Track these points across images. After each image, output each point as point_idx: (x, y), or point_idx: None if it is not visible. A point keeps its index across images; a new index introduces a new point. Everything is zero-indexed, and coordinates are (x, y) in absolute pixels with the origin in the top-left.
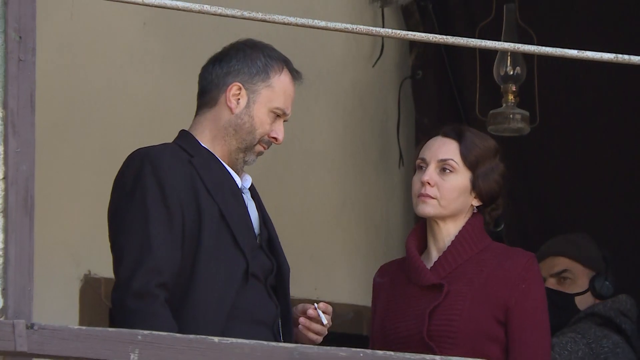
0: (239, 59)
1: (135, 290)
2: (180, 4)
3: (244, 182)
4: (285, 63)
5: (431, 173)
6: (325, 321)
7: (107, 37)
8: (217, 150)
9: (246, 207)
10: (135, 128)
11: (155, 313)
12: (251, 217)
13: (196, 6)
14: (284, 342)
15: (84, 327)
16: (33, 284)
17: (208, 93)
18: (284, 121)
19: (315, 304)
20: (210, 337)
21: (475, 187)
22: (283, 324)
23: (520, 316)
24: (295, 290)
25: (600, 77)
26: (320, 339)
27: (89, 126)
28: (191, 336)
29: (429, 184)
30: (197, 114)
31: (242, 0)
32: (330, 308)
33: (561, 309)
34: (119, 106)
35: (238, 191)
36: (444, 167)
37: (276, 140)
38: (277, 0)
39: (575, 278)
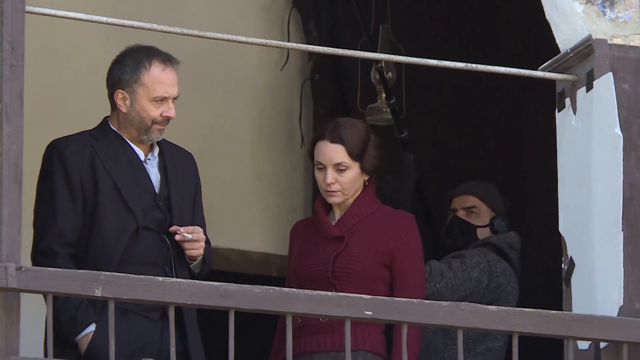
0: (117, 68)
1: (41, 250)
2: (135, 23)
3: (148, 155)
4: (152, 57)
5: (331, 175)
6: (189, 237)
7: (79, 48)
8: (125, 134)
9: (146, 174)
10: (98, 118)
11: (57, 265)
12: (152, 181)
13: (147, 25)
14: (177, 276)
15: (59, 270)
16: (21, 236)
17: (109, 97)
18: (175, 99)
19: (178, 231)
20: (156, 277)
21: (363, 170)
22: (178, 261)
23: (402, 262)
24: (220, 241)
25: (455, 80)
26: (196, 252)
27: (64, 116)
28: (141, 276)
29: (332, 184)
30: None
31: (182, 19)
32: (191, 228)
33: (465, 235)
34: (87, 102)
35: (138, 162)
36: (339, 168)
37: (169, 119)
38: (209, 18)
39: (480, 214)
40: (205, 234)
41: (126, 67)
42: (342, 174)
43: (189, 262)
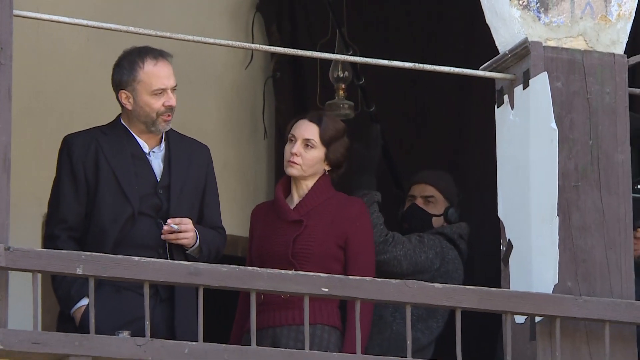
0: (116, 72)
1: (47, 234)
2: (113, 26)
3: (154, 147)
4: (145, 55)
5: (298, 147)
6: (175, 227)
7: (62, 48)
8: (134, 128)
9: (149, 165)
10: (80, 112)
11: (58, 247)
12: (155, 171)
13: (124, 27)
14: (172, 258)
15: (45, 249)
16: (9, 219)
17: (117, 98)
18: (174, 89)
19: (165, 223)
20: (132, 257)
21: (327, 158)
22: (173, 246)
23: (355, 243)
24: None
25: (405, 79)
26: (185, 241)
27: (48, 110)
28: (119, 256)
29: (296, 154)
30: None
31: (156, 22)
32: (178, 220)
33: (421, 222)
34: (69, 97)
35: (141, 154)
36: (307, 144)
37: (171, 107)
38: (181, 22)
39: (437, 203)
40: (219, 221)
41: (123, 69)
42: (308, 151)
43: (185, 248)
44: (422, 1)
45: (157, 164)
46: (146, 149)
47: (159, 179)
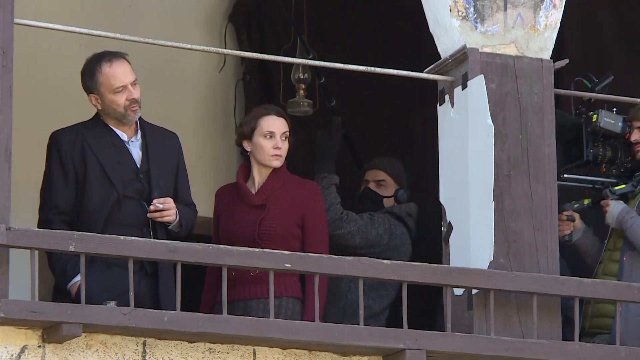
0: (82, 80)
1: (40, 219)
2: (102, 33)
3: (131, 137)
4: (101, 60)
5: (279, 141)
6: (160, 207)
7: (57, 53)
8: (110, 122)
9: (129, 153)
10: (72, 109)
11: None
12: (134, 158)
13: (112, 34)
14: (155, 236)
15: (41, 229)
16: (10, 202)
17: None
18: (135, 82)
19: (151, 204)
20: (118, 236)
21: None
22: (156, 224)
23: (311, 221)
24: None
25: (358, 80)
26: (169, 217)
27: (45, 108)
28: (107, 235)
29: (279, 148)
30: None
31: (141, 30)
32: (162, 199)
33: (374, 203)
34: (63, 95)
35: (121, 143)
36: (283, 137)
37: (135, 99)
38: (162, 29)
39: (387, 186)
40: (190, 198)
41: (86, 76)
42: (285, 143)
43: (167, 225)
44: (373, 13)
45: (136, 152)
46: (125, 138)
47: (139, 165)
